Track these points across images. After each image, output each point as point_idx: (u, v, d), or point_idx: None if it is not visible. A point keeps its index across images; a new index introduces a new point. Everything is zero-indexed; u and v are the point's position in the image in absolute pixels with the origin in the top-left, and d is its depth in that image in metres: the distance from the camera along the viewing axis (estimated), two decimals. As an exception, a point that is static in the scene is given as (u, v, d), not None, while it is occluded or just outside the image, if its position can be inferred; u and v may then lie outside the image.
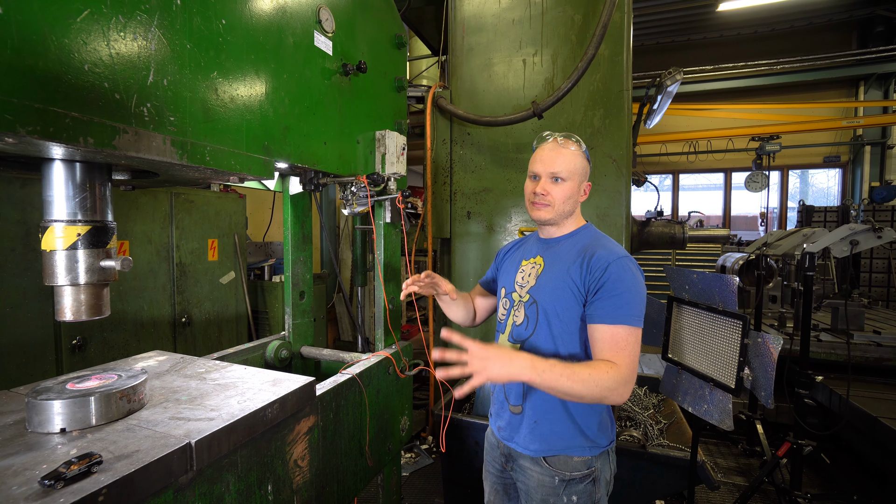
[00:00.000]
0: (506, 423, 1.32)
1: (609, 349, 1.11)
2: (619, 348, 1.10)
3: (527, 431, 1.24)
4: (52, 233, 0.99)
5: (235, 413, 1.04)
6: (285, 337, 1.89)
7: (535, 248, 1.37)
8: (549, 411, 1.22)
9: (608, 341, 1.12)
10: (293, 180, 1.77)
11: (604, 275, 1.15)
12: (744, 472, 3.00)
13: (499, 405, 1.36)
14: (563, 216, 1.29)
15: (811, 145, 7.40)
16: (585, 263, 1.19)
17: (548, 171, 1.25)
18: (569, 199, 1.26)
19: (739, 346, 1.41)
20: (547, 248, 1.33)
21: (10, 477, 0.76)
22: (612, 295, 1.13)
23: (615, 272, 1.14)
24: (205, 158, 1.06)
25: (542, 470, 1.22)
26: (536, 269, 1.31)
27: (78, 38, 0.80)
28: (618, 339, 1.11)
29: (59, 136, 0.77)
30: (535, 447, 1.23)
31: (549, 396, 1.21)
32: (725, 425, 1.41)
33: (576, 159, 1.25)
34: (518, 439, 1.27)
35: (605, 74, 2.78)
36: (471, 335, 2.81)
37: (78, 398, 0.95)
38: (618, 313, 1.12)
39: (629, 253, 1.26)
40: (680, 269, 1.77)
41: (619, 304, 1.12)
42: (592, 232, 1.32)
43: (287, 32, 1.33)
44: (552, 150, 1.26)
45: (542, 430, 1.23)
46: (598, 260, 1.17)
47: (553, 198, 1.25)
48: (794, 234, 3.02)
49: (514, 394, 1.30)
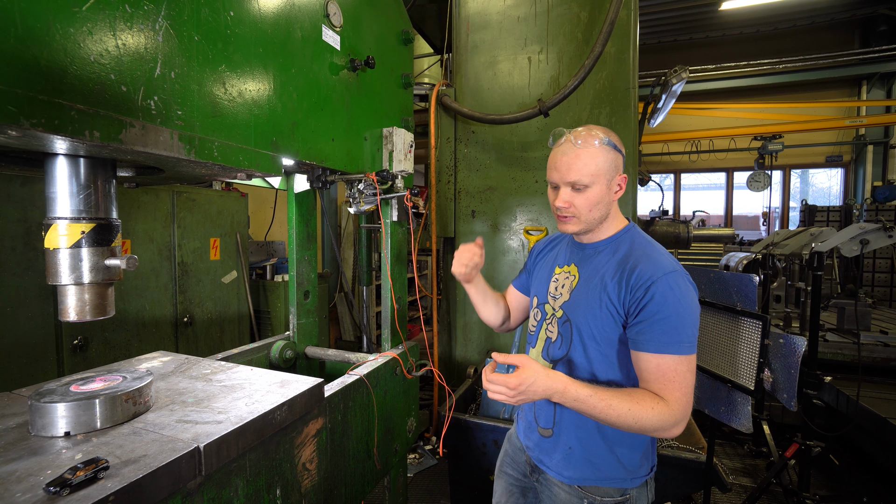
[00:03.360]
0: (534, 444, 1.20)
1: (655, 381, 0.98)
2: (667, 380, 0.97)
3: (560, 458, 1.13)
4: (55, 230, 0.96)
5: (244, 416, 1.02)
6: (290, 337, 1.87)
7: (569, 254, 1.22)
8: (584, 439, 1.09)
9: (653, 372, 0.98)
10: (298, 178, 1.74)
11: (646, 295, 0.99)
12: (750, 473, 2.98)
13: (526, 424, 1.24)
14: (594, 223, 1.12)
15: (814, 145, 7.38)
16: (625, 280, 1.03)
17: (565, 180, 1.08)
18: (597, 206, 1.09)
19: (759, 347, 1.38)
20: (582, 256, 1.18)
21: (14, 483, 0.73)
22: (657, 319, 0.97)
23: (660, 292, 0.98)
24: (213, 154, 1.03)
25: (571, 491, 1.12)
26: (571, 282, 1.16)
27: (84, 28, 0.78)
28: (664, 371, 0.97)
29: (64, 129, 0.75)
30: (569, 474, 1.11)
31: (583, 421, 1.09)
32: (744, 428, 1.38)
33: (598, 158, 1.06)
34: (549, 464, 1.15)
35: (611, 72, 2.75)
36: (474, 336, 2.72)
37: (82, 401, 0.92)
38: (663, 340, 0.97)
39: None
40: (696, 268, 1.74)
41: (666, 329, 0.97)
42: (634, 236, 1.14)
43: (295, 26, 1.30)
44: (567, 154, 1.08)
45: (576, 459, 1.10)
46: (640, 277, 1.01)
47: (577, 209, 1.09)
48: (801, 233, 3.00)
49: (543, 415, 1.17)
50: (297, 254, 1.84)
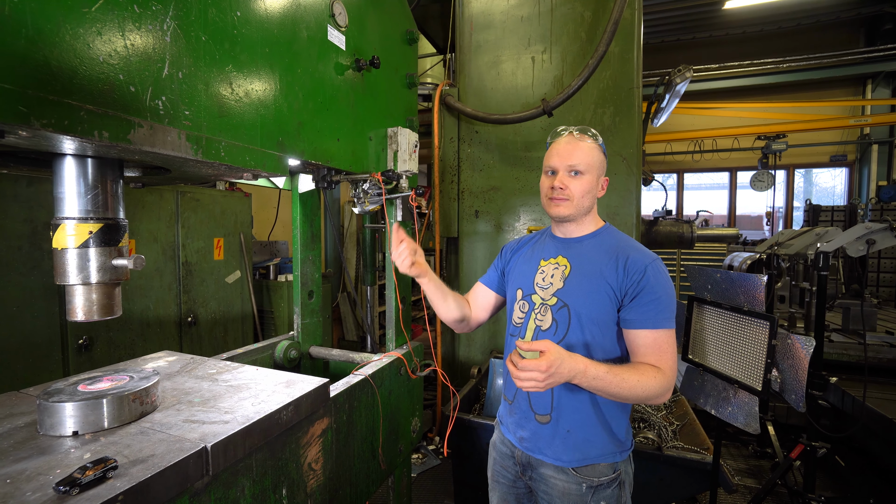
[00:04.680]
0: (531, 434, 1.24)
1: (653, 354, 1.11)
2: (662, 352, 1.10)
3: (559, 442, 1.19)
4: (63, 230, 0.97)
5: (250, 416, 1.02)
6: (294, 337, 1.87)
7: (554, 248, 1.30)
8: (582, 420, 1.18)
9: (651, 346, 1.11)
10: (302, 178, 1.74)
11: (643, 278, 1.12)
12: (754, 474, 2.97)
13: (521, 415, 1.27)
14: (582, 212, 1.23)
15: (818, 144, 7.35)
16: (621, 266, 1.15)
17: (565, 164, 1.19)
18: (588, 194, 1.21)
19: (767, 348, 1.37)
20: (568, 249, 1.27)
21: (24, 482, 0.74)
22: (651, 299, 1.11)
23: (653, 275, 1.12)
24: (220, 154, 1.03)
25: (569, 478, 1.17)
26: (562, 271, 1.24)
27: (93, 28, 0.78)
28: (660, 343, 1.10)
29: (73, 129, 0.75)
30: (568, 457, 1.18)
31: (581, 404, 1.17)
32: (751, 428, 1.37)
33: (593, 152, 1.21)
34: (548, 450, 1.20)
35: (615, 72, 2.75)
36: (478, 337, 2.69)
37: (90, 400, 0.92)
38: (659, 317, 1.11)
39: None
40: (702, 268, 1.73)
41: (660, 307, 1.11)
42: (616, 232, 1.28)
43: (301, 26, 1.30)
44: (568, 144, 1.21)
45: (575, 440, 1.18)
46: (636, 263, 1.14)
47: (572, 192, 1.19)
48: (806, 233, 2.98)
49: (541, 403, 1.22)
50: (301, 254, 1.84)
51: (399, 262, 1.22)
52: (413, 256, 1.22)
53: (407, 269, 1.23)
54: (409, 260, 1.22)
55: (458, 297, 1.39)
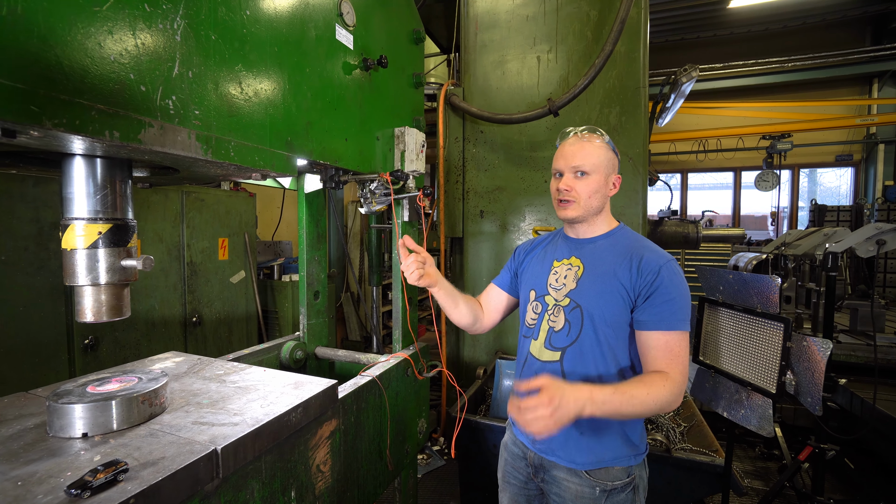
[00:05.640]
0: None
1: (663, 357, 1.08)
2: (674, 355, 1.08)
3: (572, 444, 1.17)
4: (72, 231, 0.96)
5: (260, 418, 1.01)
6: (300, 338, 1.86)
7: (567, 249, 1.29)
8: (596, 422, 1.15)
9: (662, 349, 1.08)
10: (308, 178, 1.74)
11: (657, 279, 1.10)
12: (762, 476, 2.95)
13: None
14: (591, 212, 1.22)
15: (823, 144, 7.30)
16: (635, 267, 1.14)
17: (570, 165, 1.19)
18: (595, 194, 1.19)
19: (781, 350, 1.35)
20: (581, 249, 1.26)
21: (35, 485, 0.73)
22: (665, 300, 1.09)
23: (667, 276, 1.10)
24: (229, 154, 1.02)
25: (582, 481, 1.15)
26: (575, 272, 1.23)
27: (104, 27, 0.77)
28: (672, 346, 1.08)
29: (85, 129, 0.74)
30: (581, 460, 1.16)
31: None
32: (765, 431, 1.35)
33: (600, 151, 1.19)
34: (561, 452, 1.19)
35: (621, 71, 2.73)
36: (483, 337, 2.65)
37: (100, 402, 0.92)
38: (672, 319, 1.08)
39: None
40: (714, 269, 1.72)
41: (673, 309, 1.08)
42: (630, 233, 1.26)
43: (310, 25, 1.30)
44: (573, 145, 1.20)
45: (589, 443, 1.16)
46: (649, 263, 1.12)
47: (577, 193, 1.19)
48: (814, 233, 2.96)
49: None
50: (307, 254, 1.83)
51: (408, 275, 1.22)
52: (422, 269, 1.21)
53: (416, 282, 1.23)
54: (416, 273, 1.21)
55: (469, 301, 1.38)
